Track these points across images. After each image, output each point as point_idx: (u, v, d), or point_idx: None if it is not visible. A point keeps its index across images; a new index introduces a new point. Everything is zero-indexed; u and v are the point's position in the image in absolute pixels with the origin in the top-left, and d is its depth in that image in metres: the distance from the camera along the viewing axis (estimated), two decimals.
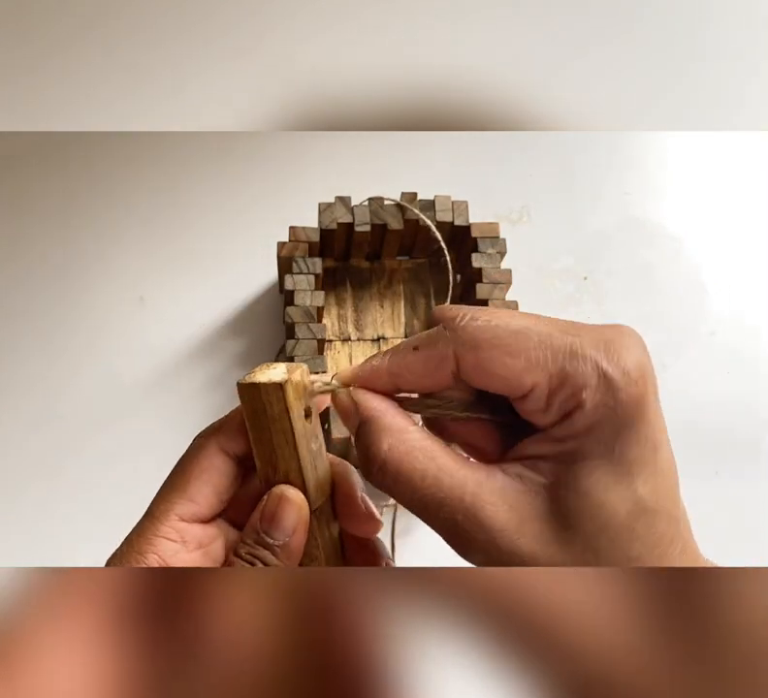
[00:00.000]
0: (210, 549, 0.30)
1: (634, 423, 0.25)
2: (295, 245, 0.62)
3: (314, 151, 0.76)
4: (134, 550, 0.29)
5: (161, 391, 0.66)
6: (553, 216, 0.75)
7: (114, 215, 0.72)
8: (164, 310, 0.69)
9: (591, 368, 0.25)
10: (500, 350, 0.26)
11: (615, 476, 0.25)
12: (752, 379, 0.70)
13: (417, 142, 0.76)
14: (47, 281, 0.69)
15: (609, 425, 0.25)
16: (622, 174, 0.77)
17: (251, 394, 0.28)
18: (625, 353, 0.26)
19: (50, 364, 0.66)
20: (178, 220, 0.73)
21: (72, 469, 0.63)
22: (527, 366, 0.26)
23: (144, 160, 0.75)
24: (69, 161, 0.74)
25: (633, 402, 0.25)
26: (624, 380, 0.25)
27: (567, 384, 0.25)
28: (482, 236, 0.63)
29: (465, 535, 0.25)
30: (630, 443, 0.25)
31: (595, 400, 0.25)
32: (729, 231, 0.75)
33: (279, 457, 0.29)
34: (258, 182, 0.74)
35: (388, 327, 0.68)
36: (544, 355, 0.26)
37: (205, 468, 0.30)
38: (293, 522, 0.29)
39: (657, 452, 0.26)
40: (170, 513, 0.29)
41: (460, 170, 0.75)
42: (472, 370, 0.27)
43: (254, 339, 0.68)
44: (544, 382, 0.26)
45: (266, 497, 0.30)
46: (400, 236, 0.65)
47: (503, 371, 0.26)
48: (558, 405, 0.26)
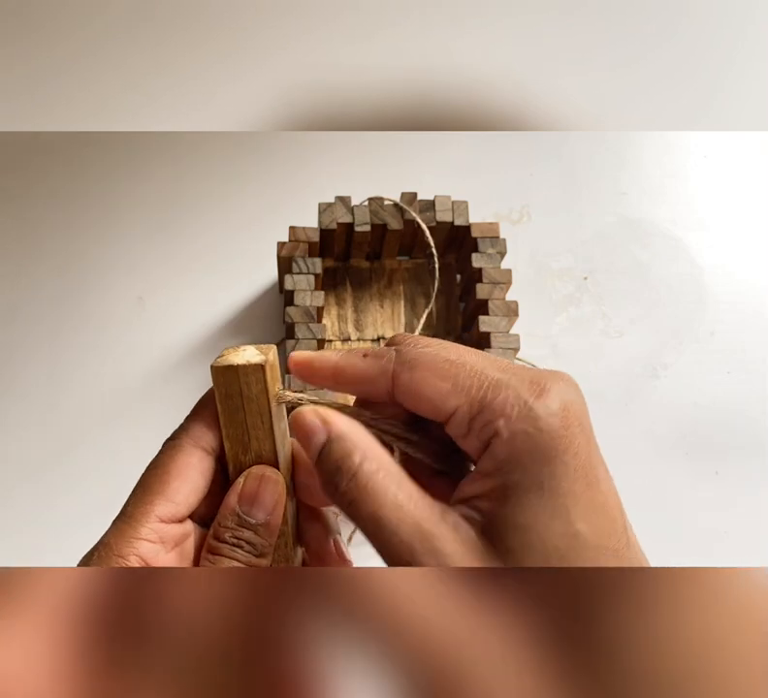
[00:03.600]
0: (184, 546, 0.31)
1: (558, 455, 0.25)
2: (295, 245, 0.62)
3: (314, 151, 0.76)
4: (113, 553, 0.28)
5: (161, 391, 0.66)
6: (553, 216, 0.75)
7: (114, 215, 0.72)
8: (164, 310, 0.69)
9: (512, 398, 0.26)
10: (432, 373, 0.28)
11: (549, 510, 0.25)
12: (751, 379, 0.70)
13: (417, 142, 0.76)
14: (47, 281, 0.69)
15: (532, 455, 0.25)
16: (622, 175, 0.77)
17: (227, 376, 0.29)
18: (552, 391, 0.26)
19: (50, 364, 0.66)
20: (178, 220, 0.73)
21: (71, 469, 0.63)
22: (452, 390, 0.27)
23: (144, 160, 0.75)
24: (68, 161, 0.74)
25: (555, 433, 0.25)
26: (545, 411, 0.26)
27: (486, 410, 0.26)
28: (482, 236, 0.63)
29: (419, 565, 0.25)
30: (559, 476, 0.25)
31: (513, 428, 0.26)
32: (729, 231, 0.75)
33: (252, 437, 0.30)
34: (258, 182, 0.74)
35: (388, 327, 0.68)
36: (470, 382, 0.27)
37: (182, 467, 0.30)
38: (273, 500, 0.30)
39: (592, 487, 0.26)
40: (149, 514, 0.29)
41: (460, 170, 0.75)
42: (405, 388, 0.28)
43: (254, 339, 0.68)
44: (465, 406, 0.27)
45: (242, 479, 0.30)
46: (400, 236, 0.65)
47: (430, 392, 0.28)
48: (477, 431, 0.27)
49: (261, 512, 0.30)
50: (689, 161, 0.78)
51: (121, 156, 0.74)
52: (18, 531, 0.61)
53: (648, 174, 0.78)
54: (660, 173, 0.78)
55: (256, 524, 0.30)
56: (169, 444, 0.31)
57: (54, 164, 0.74)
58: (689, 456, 0.67)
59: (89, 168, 0.74)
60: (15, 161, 0.74)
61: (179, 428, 0.31)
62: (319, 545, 0.33)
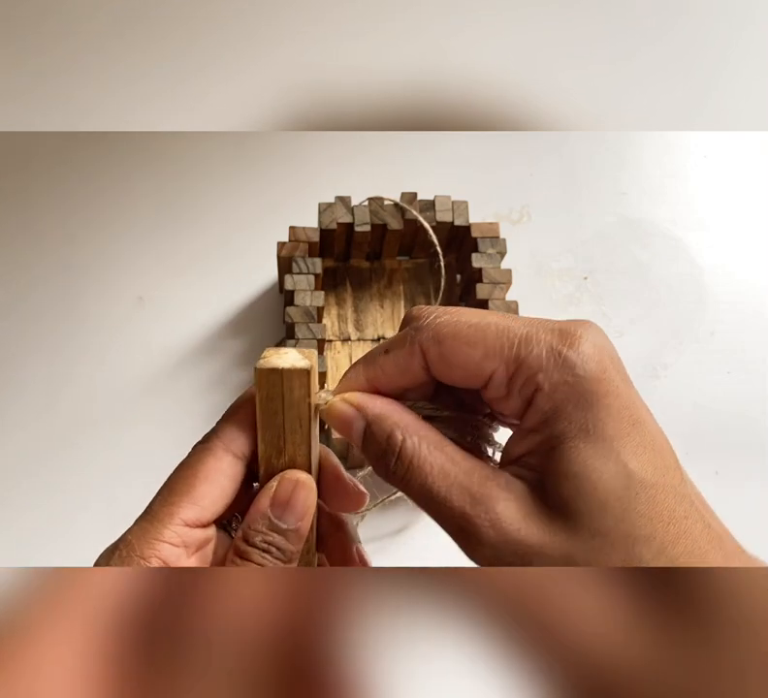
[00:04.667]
0: (205, 551, 0.30)
1: (600, 398, 0.26)
2: (295, 245, 0.62)
3: (314, 151, 0.76)
4: (136, 553, 0.28)
5: (161, 390, 0.66)
6: (553, 216, 0.75)
7: (114, 215, 0.72)
8: (164, 310, 0.69)
9: (545, 351, 0.26)
10: (459, 341, 0.27)
11: (599, 453, 0.25)
12: (751, 379, 0.69)
13: (417, 142, 0.76)
14: (46, 281, 0.69)
15: (574, 402, 0.26)
16: (622, 175, 0.77)
17: (271, 379, 0.28)
18: (583, 338, 0.27)
19: (50, 364, 0.66)
20: (178, 220, 0.73)
21: (71, 469, 0.63)
22: (484, 355, 0.27)
23: (144, 160, 0.75)
24: (68, 161, 0.74)
25: (594, 378, 0.26)
26: (580, 359, 0.26)
27: (523, 368, 0.26)
28: (482, 236, 0.63)
29: (474, 528, 0.26)
30: (603, 419, 0.25)
31: (553, 380, 0.26)
32: (729, 231, 0.75)
33: (288, 441, 0.29)
34: (258, 182, 0.74)
35: (388, 327, 0.68)
36: (501, 343, 0.27)
37: (212, 471, 0.29)
38: (305, 506, 0.30)
39: (638, 427, 0.26)
40: (174, 517, 0.29)
41: (460, 170, 0.75)
42: (438, 363, 0.28)
43: (254, 339, 0.68)
44: (502, 368, 0.27)
45: (275, 483, 0.30)
46: (400, 236, 0.65)
47: (463, 361, 0.27)
48: (518, 390, 0.27)
49: (292, 517, 0.30)
50: (689, 161, 0.78)
51: (120, 156, 0.74)
52: (17, 529, 0.61)
53: (648, 174, 0.78)
54: (660, 173, 0.78)
55: (287, 530, 0.29)
56: (199, 447, 0.30)
57: (54, 164, 0.74)
58: (689, 456, 0.67)
59: (89, 168, 0.74)
60: (15, 161, 0.74)
61: (211, 431, 0.31)
62: (342, 552, 0.33)
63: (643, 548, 0.24)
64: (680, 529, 0.25)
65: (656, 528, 0.25)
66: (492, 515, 0.26)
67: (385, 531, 0.62)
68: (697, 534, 0.25)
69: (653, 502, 0.25)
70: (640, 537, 0.24)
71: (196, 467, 0.30)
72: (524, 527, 0.25)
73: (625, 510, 0.25)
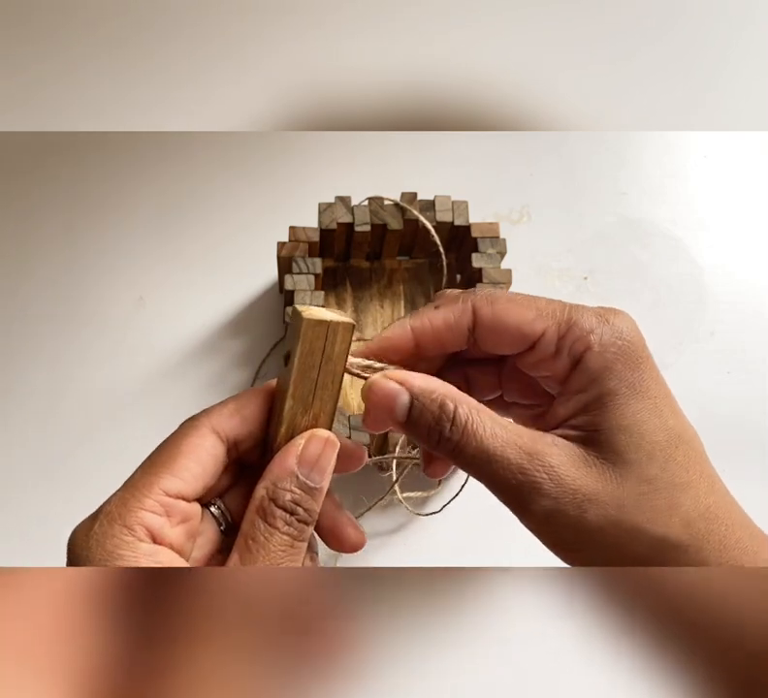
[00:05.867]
0: (192, 524, 0.29)
1: (644, 361, 0.29)
2: (295, 245, 0.62)
3: (314, 151, 0.76)
4: (117, 522, 0.27)
5: (161, 390, 0.66)
6: (553, 216, 0.75)
7: (114, 215, 0.72)
8: (164, 310, 0.69)
9: (595, 317, 0.30)
10: (514, 303, 0.30)
11: (646, 409, 0.28)
12: (751, 379, 0.69)
13: (417, 142, 0.76)
14: (47, 281, 0.69)
15: (623, 362, 0.28)
16: (622, 175, 0.77)
17: (317, 331, 0.28)
18: (619, 315, 0.30)
19: (50, 364, 0.66)
20: (178, 220, 0.73)
21: (70, 469, 0.63)
22: (537, 315, 0.30)
23: (144, 160, 0.75)
24: (68, 161, 0.74)
25: (638, 344, 0.29)
26: (625, 325, 0.30)
27: (574, 328, 0.29)
28: (482, 236, 0.63)
29: (533, 480, 0.27)
30: (647, 379, 0.28)
31: (604, 341, 0.29)
32: (729, 231, 0.75)
33: (317, 397, 0.29)
34: (258, 182, 0.74)
35: None
36: (553, 307, 0.30)
37: (194, 446, 0.29)
38: (331, 465, 0.30)
39: (669, 394, 0.29)
40: (154, 486, 0.28)
41: (460, 170, 0.75)
42: (488, 322, 0.30)
43: (254, 339, 0.68)
44: (554, 327, 0.29)
45: (302, 440, 0.29)
46: (400, 236, 0.65)
47: (516, 319, 0.30)
48: (568, 348, 0.29)
49: (319, 476, 0.29)
50: (689, 161, 0.78)
51: (121, 156, 0.74)
52: (22, 532, 0.61)
53: (648, 174, 0.78)
54: (660, 173, 0.78)
55: (313, 488, 0.29)
56: (186, 423, 0.30)
57: (54, 164, 0.74)
58: None
59: (89, 168, 0.74)
60: (15, 161, 0.74)
61: (202, 410, 0.31)
62: (333, 519, 0.33)
63: (681, 494, 0.27)
64: (708, 483, 0.28)
65: (692, 479, 0.28)
66: (548, 468, 0.27)
67: (384, 531, 0.62)
68: (721, 490, 0.29)
69: (687, 456, 0.28)
70: (679, 485, 0.27)
71: (179, 441, 0.29)
72: (579, 477, 0.27)
73: (667, 460, 0.27)
